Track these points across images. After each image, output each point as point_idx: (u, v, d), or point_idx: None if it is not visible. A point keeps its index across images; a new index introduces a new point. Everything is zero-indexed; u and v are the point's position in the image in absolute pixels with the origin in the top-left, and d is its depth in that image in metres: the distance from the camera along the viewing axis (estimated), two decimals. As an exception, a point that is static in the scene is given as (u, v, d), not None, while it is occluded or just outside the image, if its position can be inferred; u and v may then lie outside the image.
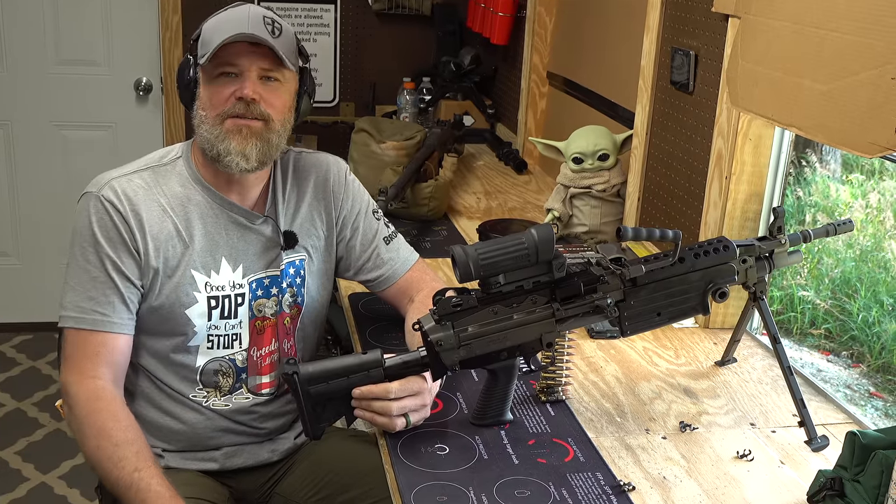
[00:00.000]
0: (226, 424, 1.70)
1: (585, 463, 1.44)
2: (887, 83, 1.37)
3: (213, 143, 1.60)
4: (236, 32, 1.56)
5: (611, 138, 2.38)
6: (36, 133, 3.88)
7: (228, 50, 1.57)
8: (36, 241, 4.00)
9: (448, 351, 1.45)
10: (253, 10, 1.62)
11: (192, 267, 1.63)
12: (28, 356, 3.88)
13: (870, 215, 3.33)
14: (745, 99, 1.78)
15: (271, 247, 1.70)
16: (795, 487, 1.41)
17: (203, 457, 1.70)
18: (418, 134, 2.79)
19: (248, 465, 1.73)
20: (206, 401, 1.68)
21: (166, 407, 1.68)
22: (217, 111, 1.59)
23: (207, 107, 1.60)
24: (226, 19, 1.60)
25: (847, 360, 3.15)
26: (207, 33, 1.60)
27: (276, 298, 1.71)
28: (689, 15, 2.13)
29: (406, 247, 1.84)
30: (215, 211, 1.65)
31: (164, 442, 1.68)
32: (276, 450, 1.75)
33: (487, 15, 3.55)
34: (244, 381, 1.70)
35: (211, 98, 1.60)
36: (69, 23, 3.78)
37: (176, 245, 1.62)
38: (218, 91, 1.59)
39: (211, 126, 1.60)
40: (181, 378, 1.67)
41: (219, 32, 1.58)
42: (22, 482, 3.05)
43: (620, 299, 1.51)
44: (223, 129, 1.59)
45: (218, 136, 1.59)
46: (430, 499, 1.34)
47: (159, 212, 1.61)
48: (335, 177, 1.78)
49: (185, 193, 1.64)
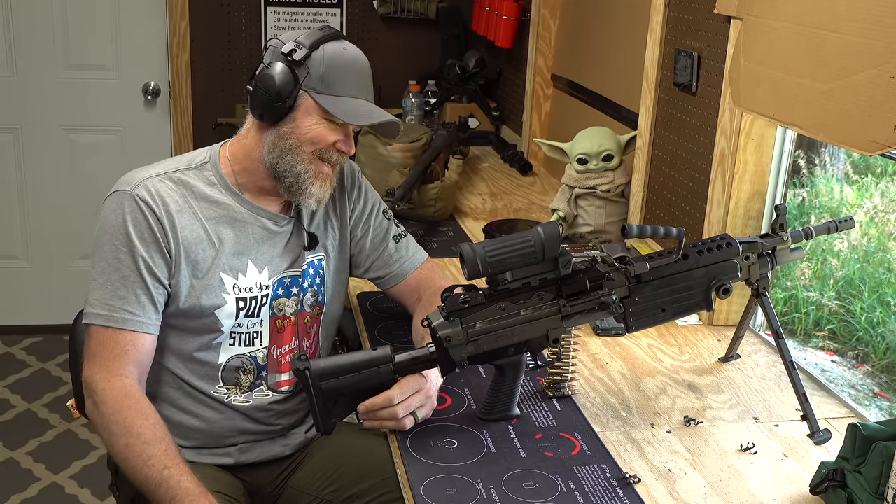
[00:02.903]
0: (242, 422, 1.71)
1: (592, 456, 1.47)
2: (886, 82, 1.40)
3: (296, 176, 1.63)
4: (362, 99, 1.65)
5: (615, 139, 2.40)
6: (45, 137, 3.91)
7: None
8: (45, 245, 4.03)
9: (456, 347, 1.48)
10: (367, 65, 1.68)
11: (220, 269, 1.64)
12: (38, 358, 3.91)
13: (875, 217, 3.34)
14: (747, 99, 1.80)
15: (294, 247, 1.73)
16: (798, 479, 1.43)
17: (218, 452, 1.72)
18: (424, 136, 2.82)
19: (261, 459, 1.75)
20: (227, 397, 1.69)
21: (185, 405, 1.69)
22: (314, 148, 1.63)
23: (306, 140, 1.62)
24: (355, 70, 1.65)
25: (852, 361, 3.16)
26: (335, 74, 1.62)
27: (297, 298, 1.73)
28: (691, 17, 2.15)
29: (415, 245, 1.88)
30: (244, 216, 1.67)
31: (181, 438, 1.69)
32: (289, 444, 1.78)
33: (492, 18, 3.58)
34: (264, 379, 1.72)
35: (315, 136, 1.62)
36: (78, 28, 3.81)
37: (206, 248, 1.63)
38: (325, 133, 1.63)
39: (302, 160, 1.63)
40: (202, 376, 1.68)
41: (350, 87, 1.63)
42: (33, 482, 3.07)
43: (625, 296, 1.54)
44: (314, 169, 1.64)
45: (307, 174, 1.63)
46: (439, 491, 1.36)
47: (190, 215, 1.63)
48: (348, 178, 1.82)
49: (215, 198, 1.66)
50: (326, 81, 1.62)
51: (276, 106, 1.61)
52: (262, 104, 1.62)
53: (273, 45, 1.66)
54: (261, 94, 1.61)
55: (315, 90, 1.61)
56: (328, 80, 1.62)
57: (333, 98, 1.61)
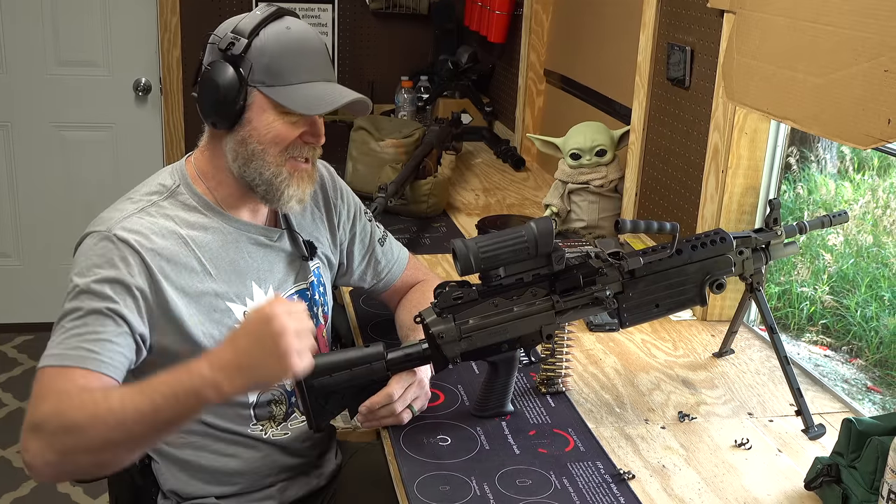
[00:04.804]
0: (281, 456, 1.61)
1: (586, 452, 1.46)
2: (880, 76, 1.39)
3: (268, 182, 1.50)
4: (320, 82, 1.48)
5: (608, 134, 2.40)
6: (36, 134, 3.89)
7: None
8: (36, 242, 4.01)
9: (449, 343, 1.47)
10: (318, 38, 1.51)
11: (225, 299, 1.51)
12: (29, 356, 3.89)
13: (870, 213, 3.35)
14: (740, 93, 1.80)
15: (294, 259, 1.63)
16: (793, 475, 1.43)
17: (259, 497, 1.61)
18: (417, 131, 2.81)
19: (300, 495, 1.66)
20: (265, 433, 1.58)
21: (220, 448, 1.57)
22: (280, 148, 1.49)
23: (267, 141, 1.48)
24: (303, 51, 1.48)
25: (845, 355, 3.17)
26: (281, 60, 1.46)
27: (311, 312, 1.63)
28: (684, 11, 2.15)
29: (397, 245, 1.83)
30: (234, 235, 1.54)
31: (220, 485, 1.58)
32: (323, 473, 1.71)
33: (484, 13, 3.57)
34: (296, 406, 1.61)
35: (276, 135, 1.48)
36: (68, 24, 3.79)
37: (203, 280, 1.49)
38: (286, 130, 1.48)
39: (269, 164, 1.49)
40: (234, 417, 1.55)
41: (301, 72, 1.47)
42: (25, 480, 3.06)
43: (619, 291, 1.53)
44: (286, 170, 1.50)
45: (279, 178, 1.50)
46: (433, 488, 1.36)
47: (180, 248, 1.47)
48: (329, 183, 1.73)
49: (200, 223, 1.51)
50: (273, 71, 1.46)
51: (225, 111, 1.46)
52: (210, 111, 1.48)
53: (211, 40, 1.51)
54: (207, 100, 1.47)
55: (264, 84, 1.46)
56: (275, 70, 1.46)
57: (285, 88, 1.46)
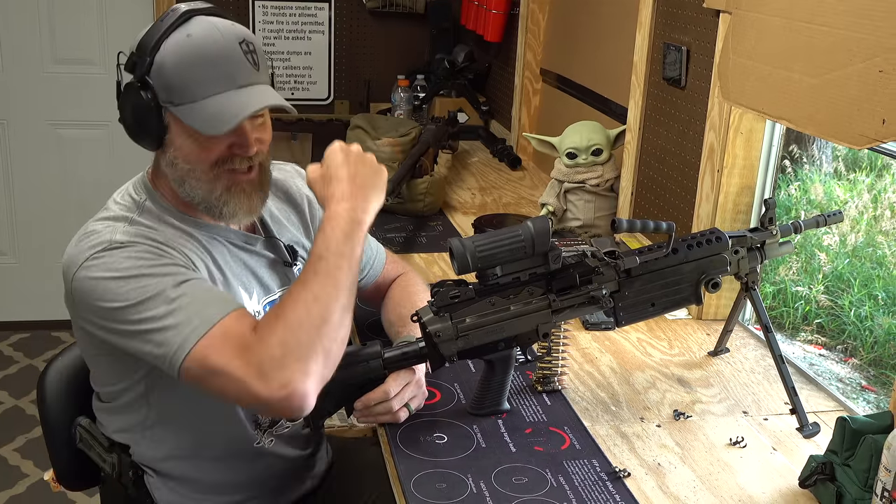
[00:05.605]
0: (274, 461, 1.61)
1: (581, 450, 1.47)
2: (875, 76, 1.40)
3: (205, 200, 1.43)
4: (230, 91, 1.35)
5: (604, 133, 2.40)
6: (32, 132, 3.89)
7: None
8: (33, 240, 4.00)
9: (446, 342, 1.48)
10: (227, 39, 1.36)
11: None
12: (25, 354, 3.89)
13: (865, 214, 3.36)
14: (736, 93, 1.81)
15: (276, 264, 1.60)
16: (788, 473, 1.44)
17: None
18: (413, 130, 2.81)
19: (295, 497, 1.67)
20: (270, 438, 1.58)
21: (228, 463, 1.57)
22: (208, 163, 1.40)
23: (193, 159, 1.40)
24: (206, 60, 1.35)
25: (840, 354, 3.18)
26: (183, 75, 1.34)
27: None
28: (680, 11, 2.15)
29: (374, 242, 1.79)
30: (212, 243, 1.49)
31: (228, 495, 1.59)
32: (316, 475, 1.71)
33: (481, 12, 3.57)
34: None
35: (198, 156, 1.39)
36: (64, 22, 3.79)
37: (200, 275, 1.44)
38: (206, 149, 1.39)
39: (202, 183, 1.42)
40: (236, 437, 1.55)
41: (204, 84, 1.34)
42: (21, 478, 3.06)
43: (615, 290, 1.53)
44: (221, 186, 1.42)
45: (215, 195, 1.43)
46: (429, 486, 1.36)
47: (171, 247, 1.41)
48: (302, 184, 1.69)
49: (180, 230, 1.45)
50: (177, 90, 1.35)
51: (145, 134, 1.40)
52: (133, 135, 1.41)
53: (119, 59, 1.42)
54: (127, 124, 1.41)
55: (172, 103, 1.36)
56: (178, 87, 1.35)
57: (191, 106, 1.35)
